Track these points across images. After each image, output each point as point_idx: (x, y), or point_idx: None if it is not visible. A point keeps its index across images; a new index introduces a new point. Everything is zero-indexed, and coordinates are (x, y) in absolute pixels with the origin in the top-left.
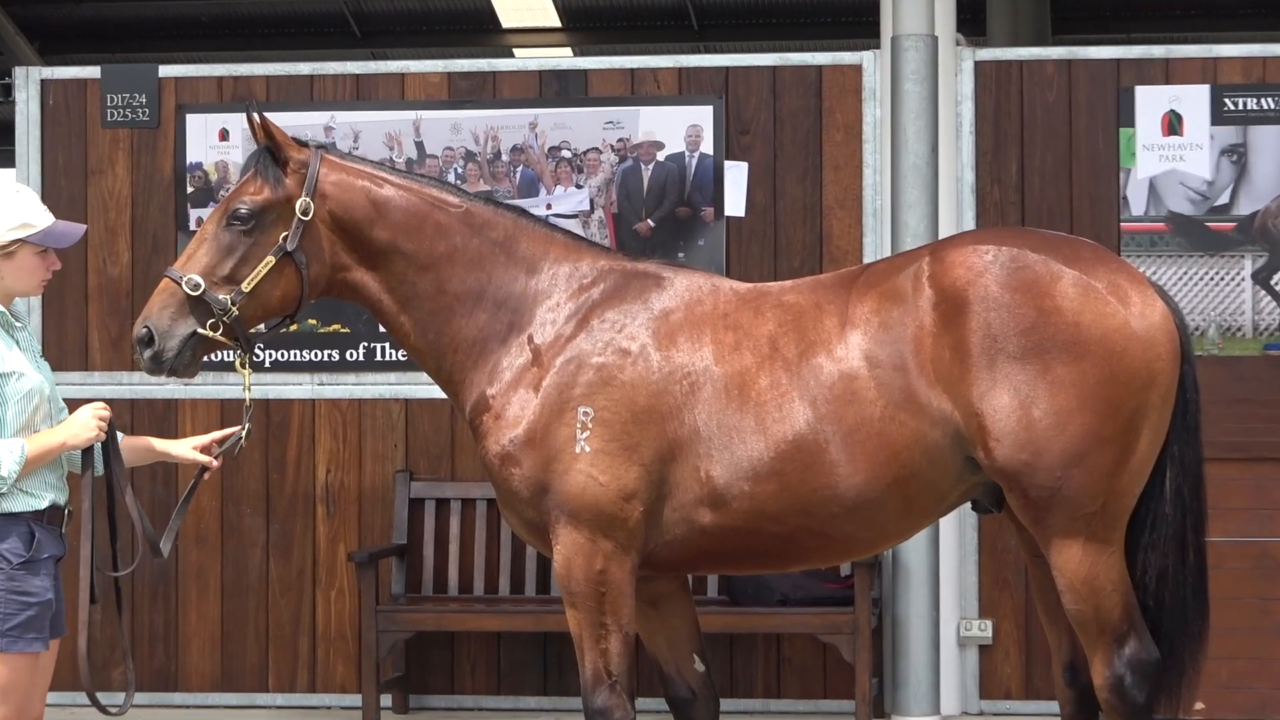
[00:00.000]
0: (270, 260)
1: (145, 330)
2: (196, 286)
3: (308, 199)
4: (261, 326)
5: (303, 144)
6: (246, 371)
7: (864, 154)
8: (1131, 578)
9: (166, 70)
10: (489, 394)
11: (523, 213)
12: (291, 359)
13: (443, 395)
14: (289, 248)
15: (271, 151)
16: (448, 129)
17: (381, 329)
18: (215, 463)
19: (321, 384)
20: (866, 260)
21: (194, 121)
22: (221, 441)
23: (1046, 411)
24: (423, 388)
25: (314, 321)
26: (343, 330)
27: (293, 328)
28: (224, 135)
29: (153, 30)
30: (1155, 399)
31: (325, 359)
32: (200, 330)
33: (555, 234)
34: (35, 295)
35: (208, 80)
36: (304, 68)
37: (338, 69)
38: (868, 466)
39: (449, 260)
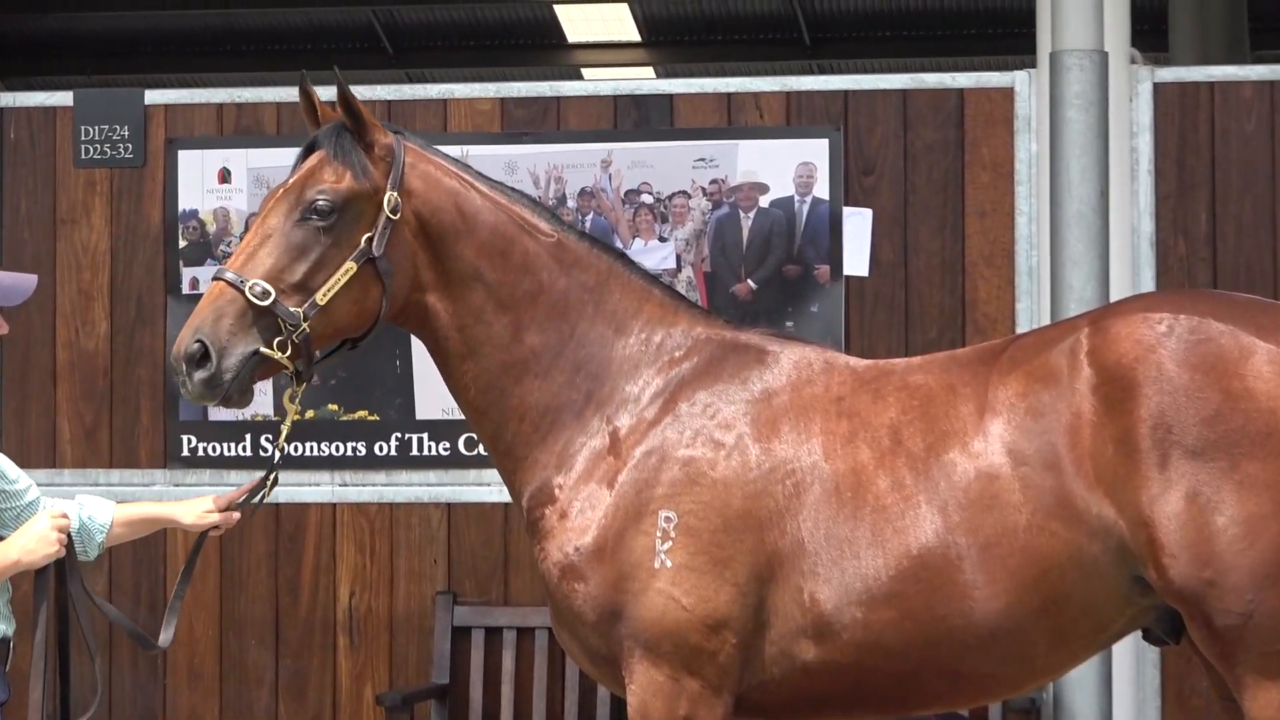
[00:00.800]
0: (351, 267)
1: (198, 345)
2: (265, 294)
3: (395, 194)
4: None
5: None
6: (294, 405)
7: (1016, 198)
8: None
9: (154, 96)
10: (556, 483)
11: (620, 254)
12: (307, 453)
13: (495, 498)
14: (375, 253)
15: (352, 131)
16: (500, 168)
17: (421, 415)
18: (235, 516)
19: (344, 484)
20: (1020, 330)
21: (188, 159)
22: (243, 495)
23: (1234, 519)
24: (470, 489)
25: (335, 407)
26: (370, 418)
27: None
28: (225, 176)
29: (138, 46)
30: None
31: (349, 453)
32: (264, 349)
33: (653, 288)
34: None
35: (205, 108)
36: (324, 92)
37: (365, 94)
38: (1010, 588)
39: (532, 302)
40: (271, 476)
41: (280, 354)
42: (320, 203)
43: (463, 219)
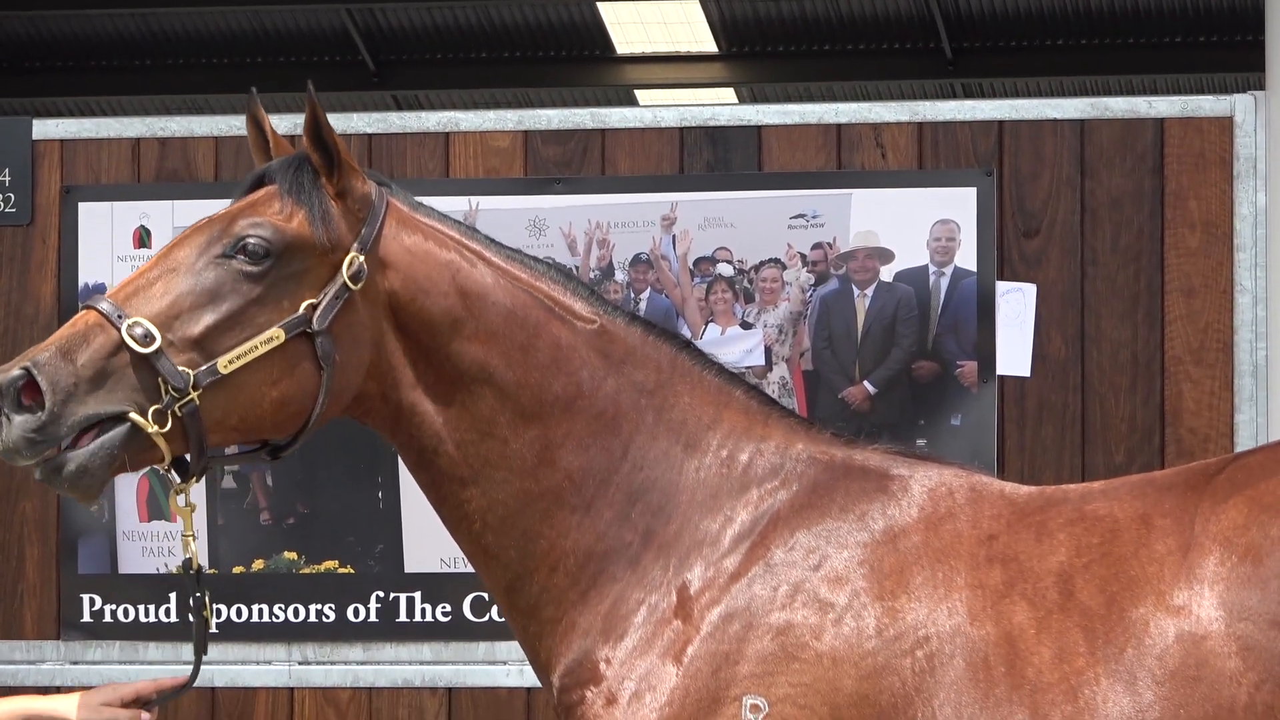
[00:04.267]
0: (276, 335)
1: (22, 373)
2: (147, 339)
3: (362, 259)
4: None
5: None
6: (188, 509)
7: (1237, 270)
8: None
9: (46, 127)
10: (602, 655)
11: (687, 344)
12: (255, 618)
13: (513, 681)
14: (316, 325)
15: (320, 169)
16: (523, 225)
17: (410, 568)
18: (148, 717)
19: (305, 662)
20: (1241, 449)
21: (92, 214)
22: (161, 690)
23: None
24: (479, 668)
25: (294, 556)
26: (342, 570)
27: (272, 460)
28: (141, 239)
29: (23, 58)
30: None
31: (313, 619)
32: (134, 416)
33: (735, 389)
34: None
35: (117, 144)
36: (280, 123)
37: (338, 124)
38: None
39: (567, 411)
40: (197, 657)
41: (154, 426)
42: (252, 241)
43: (464, 302)
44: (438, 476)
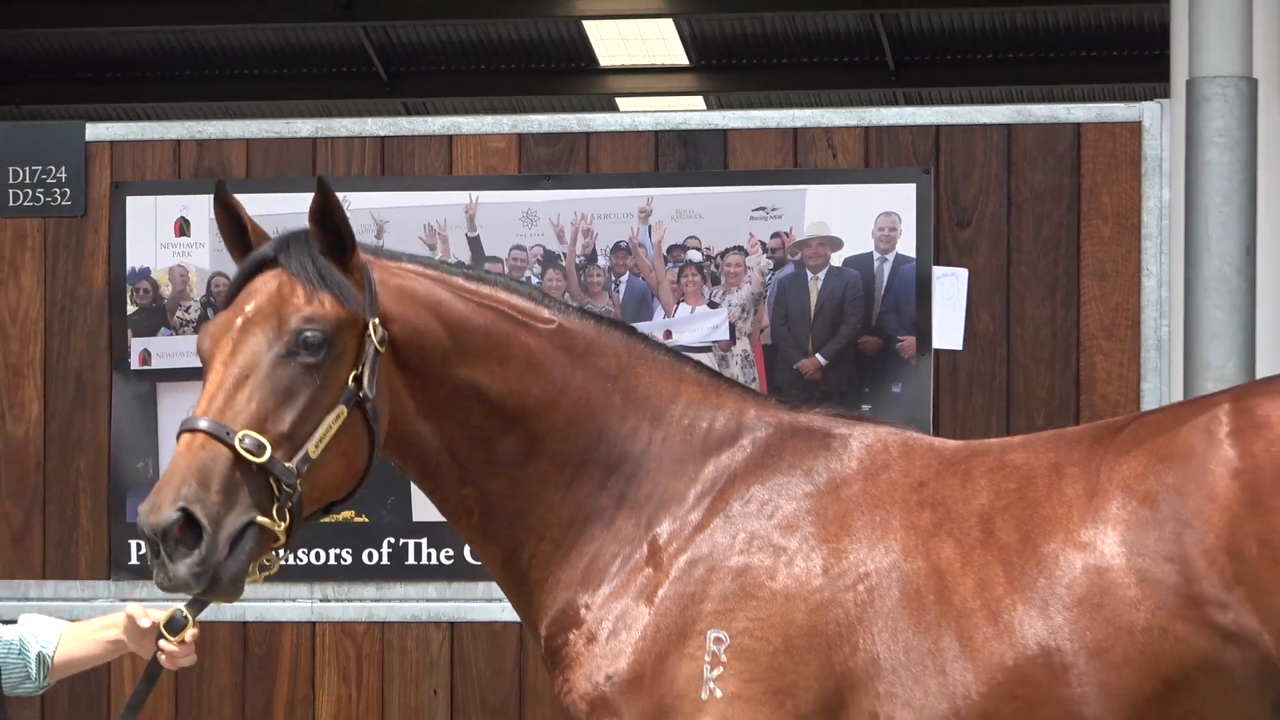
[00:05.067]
0: (342, 411)
1: (180, 514)
2: (259, 449)
3: (376, 321)
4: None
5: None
6: (260, 576)
7: (1144, 257)
8: None
9: (97, 131)
10: (582, 602)
11: (631, 330)
12: (282, 561)
13: (506, 617)
14: (368, 393)
15: (326, 248)
16: (517, 218)
17: (418, 516)
18: (192, 656)
19: (326, 599)
20: None
21: (138, 207)
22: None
23: None
24: (478, 605)
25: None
26: (358, 520)
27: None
28: (182, 228)
29: (78, 70)
30: None
31: (332, 562)
32: (261, 519)
33: (684, 367)
34: None
35: (160, 145)
36: (304, 127)
37: (353, 128)
38: (1125, 702)
39: (547, 408)
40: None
41: (279, 524)
42: (311, 335)
43: (450, 334)
44: (439, 483)
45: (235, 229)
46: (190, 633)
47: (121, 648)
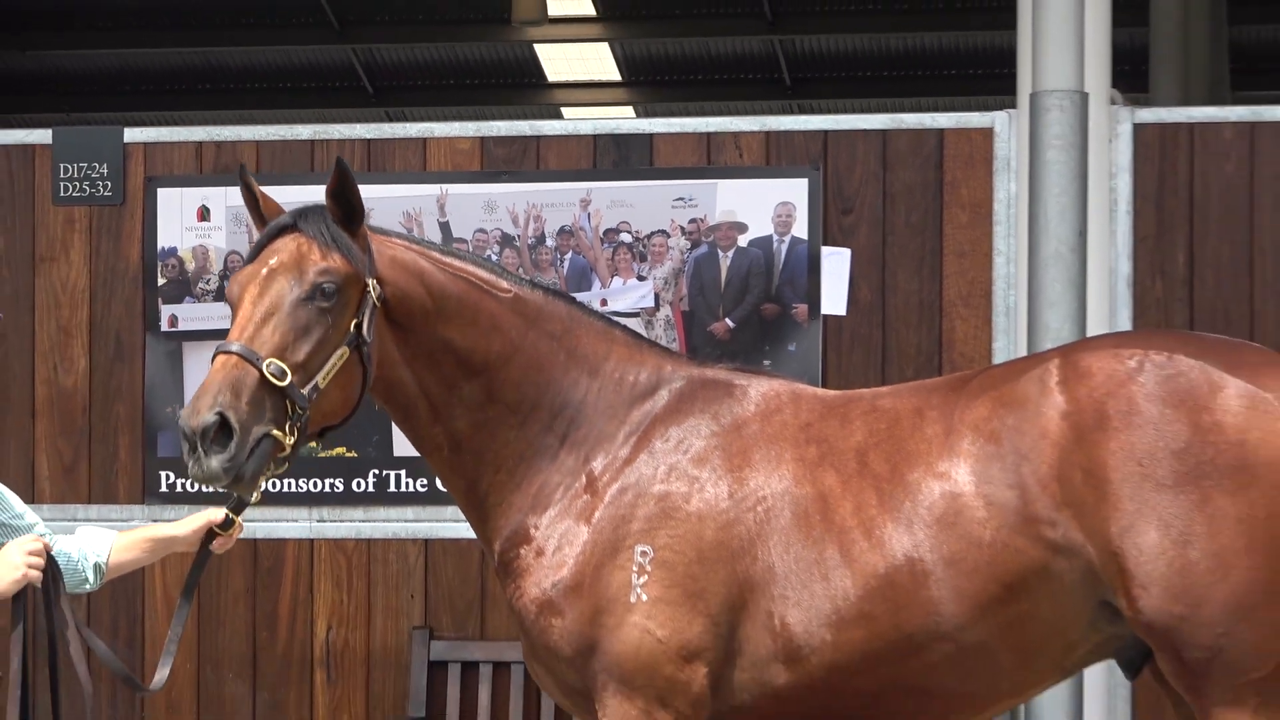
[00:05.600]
0: (345, 352)
1: (218, 418)
2: (281, 374)
3: (374, 280)
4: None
5: None
6: (261, 485)
7: (994, 239)
8: None
9: (133, 134)
10: (531, 523)
11: (573, 300)
12: (285, 489)
13: (471, 534)
14: (367, 338)
15: (340, 217)
16: (479, 207)
17: (398, 454)
18: (233, 535)
19: (322, 520)
20: None
21: (167, 197)
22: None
23: (1206, 553)
24: (447, 525)
25: (313, 444)
26: (348, 455)
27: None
28: (204, 214)
29: (116, 85)
30: None
31: (327, 489)
32: (275, 432)
33: (615, 330)
34: None
35: (184, 146)
36: (304, 131)
37: (345, 132)
38: (975, 603)
39: (504, 361)
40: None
41: (290, 438)
42: (326, 284)
43: (431, 297)
44: (415, 422)
45: (253, 202)
46: (236, 531)
47: (159, 551)
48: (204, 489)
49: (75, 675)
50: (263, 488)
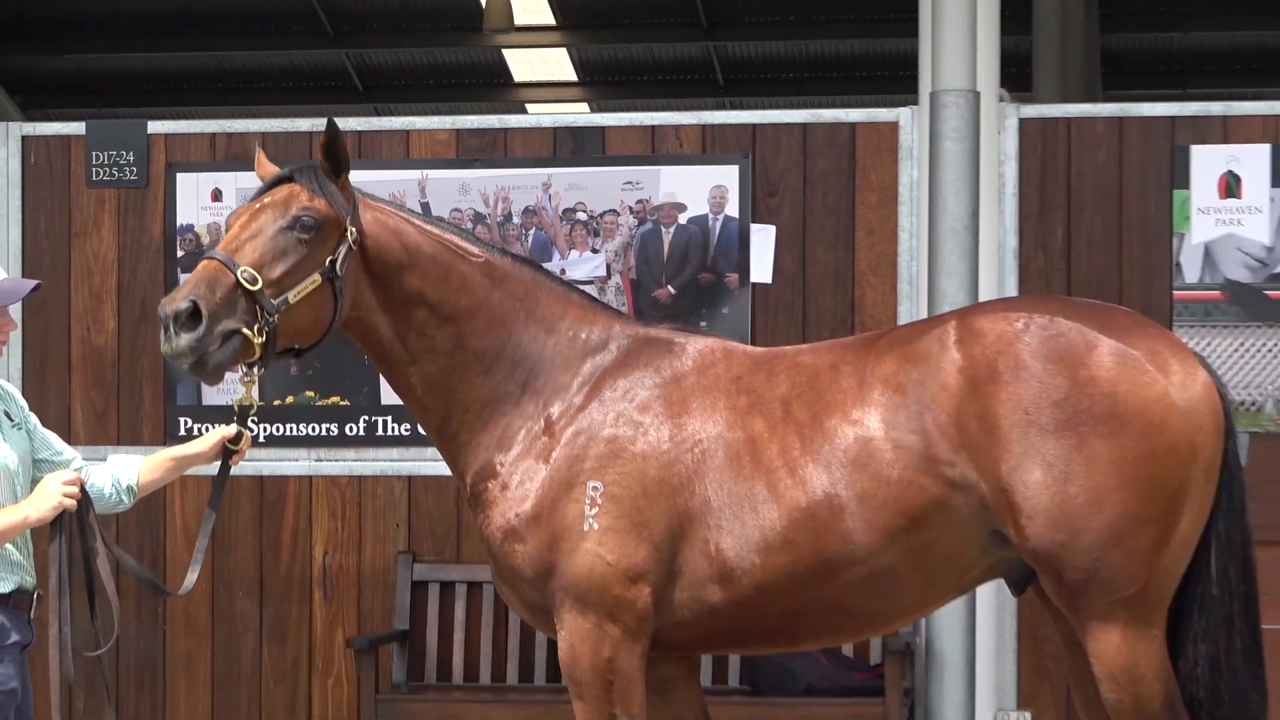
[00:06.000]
0: (317, 279)
1: (190, 305)
2: (253, 280)
3: (353, 229)
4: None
5: None
6: (252, 381)
7: (899, 217)
8: (1183, 668)
9: (155, 126)
10: (497, 460)
11: (538, 267)
12: (287, 433)
13: (448, 473)
14: (337, 271)
15: (329, 172)
16: (455, 189)
17: (385, 402)
18: (243, 450)
19: (319, 460)
20: None
21: (185, 181)
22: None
23: (1083, 489)
24: (428, 464)
25: (311, 394)
26: (342, 403)
27: (292, 369)
28: (217, 195)
29: (140, 84)
30: (1198, 475)
31: (323, 433)
32: (245, 330)
33: (572, 294)
34: None
35: (199, 137)
36: (303, 123)
37: (339, 124)
38: (883, 533)
39: (471, 315)
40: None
41: (258, 338)
42: (306, 219)
43: (407, 253)
44: (391, 365)
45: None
46: (245, 443)
47: (181, 468)
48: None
49: (105, 592)
50: (255, 397)
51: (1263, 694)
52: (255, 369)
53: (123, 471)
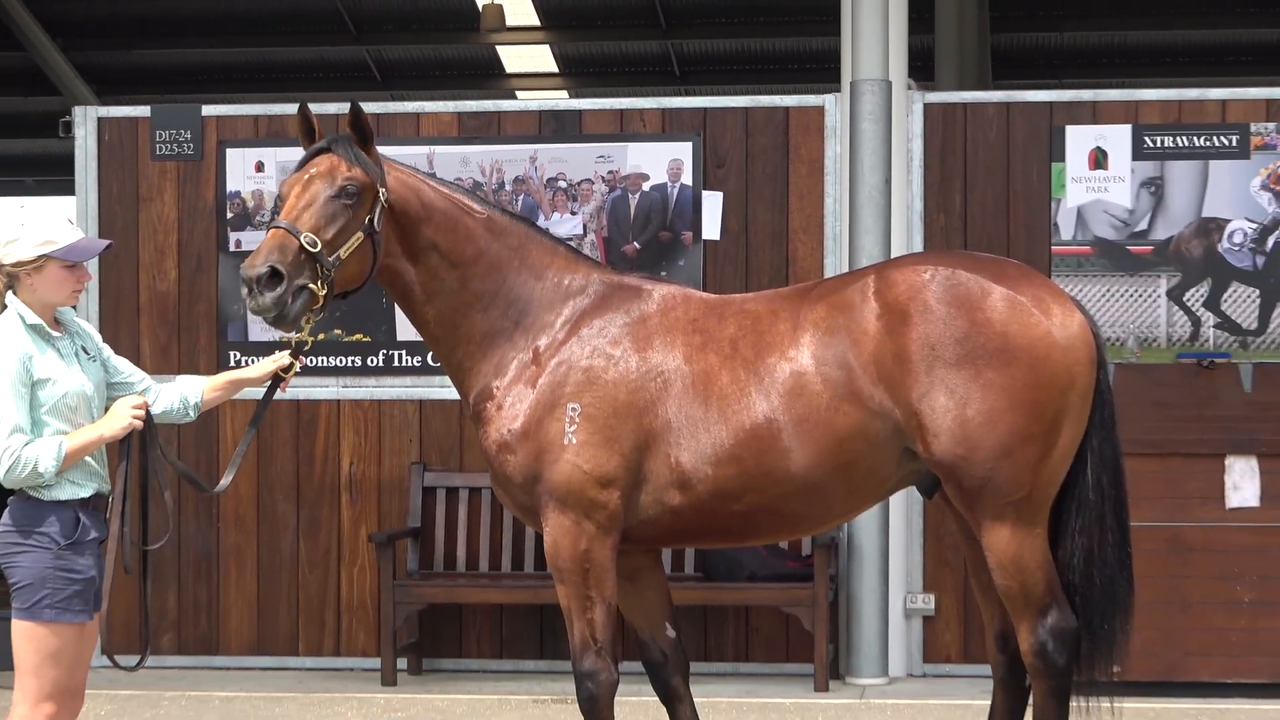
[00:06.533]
0: (360, 236)
1: (269, 268)
2: (314, 244)
3: (384, 190)
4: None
5: None
6: (310, 324)
7: (825, 186)
8: (1063, 559)
9: (209, 109)
10: (494, 385)
11: (531, 224)
12: (319, 365)
13: (453, 397)
14: (376, 228)
15: (359, 143)
16: (457, 162)
17: (400, 337)
18: (296, 367)
19: (346, 387)
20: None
21: (233, 155)
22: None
23: (979, 412)
24: (435, 390)
25: (339, 331)
26: (364, 339)
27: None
28: (259, 167)
29: (196, 75)
30: (1075, 399)
31: (349, 365)
32: (311, 285)
33: (559, 246)
34: (68, 305)
35: (245, 119)
36: (331, 108)
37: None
38: (815, 451)
39: (474, 261)
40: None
41: (321, 290)
42: (349, 186)
43: (424, 208)
44: (411, 303)
45: (308, 130)
46: (293, 373)
47: (236, 389)
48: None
49: (161, 497)
50: (310, 335)
51: (1129, 580)
52: (316, 314)
53: (189, 390)
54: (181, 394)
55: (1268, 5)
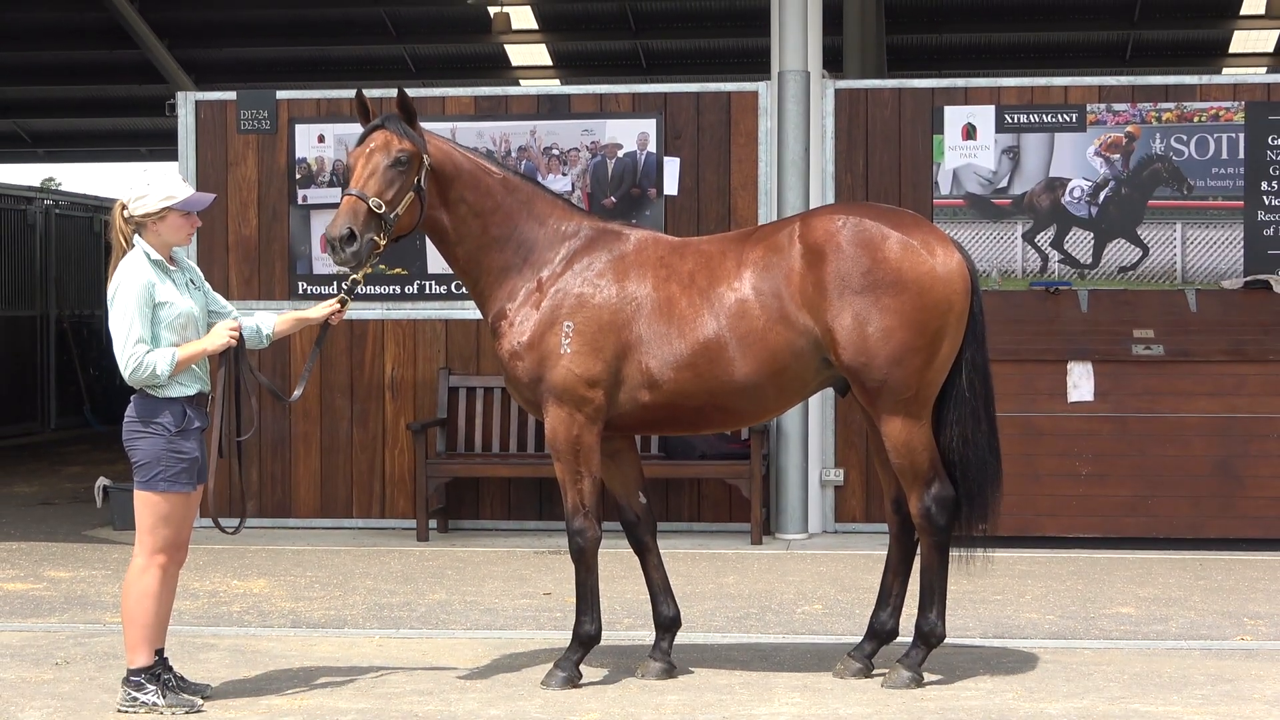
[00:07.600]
0: (411, 196)
1: (348, 230)
2: (379, 207)
3: (428, 157)
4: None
5: None
6: (368, 269)
7: (759, 153)
8: (944, 443)
9: (282, 94)
10: (507, 308)
11: (536, 182)
12: (367, 292)
13: (473, 316)
14: (423, 188)
15: (406, 120)
16: (474, 135)
17: (431, 270)
18: (343, 312)
19: (388, 309)
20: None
21: (301, 130)
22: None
23: (877, 329)
24: (458, 311)
25: (383, 267)
26: (402, 272)
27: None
28: (321, 139)
29: (271, 67)
30: (953, 320)
31: (391, 292)
32: (376, 238)
33: (558, 200)
34: (184, 246)
35: (310, 101)
36: (374, 93)
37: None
38: (754, 362)
39: (492, 212)
40: (346, 295)
41: (384, 240)
42: (402, 156)
43: (455, 170)
44: (446, 244)
45: (364, 111)
46: (345, 309)
47: (301, 325)
48: (323, 292)
49: (248, 400)
50: (365, 275)
51: (997, 459)
52: (378, 257)
53: (264, 322)
54: (258, 325)
55: (1101, 13)
